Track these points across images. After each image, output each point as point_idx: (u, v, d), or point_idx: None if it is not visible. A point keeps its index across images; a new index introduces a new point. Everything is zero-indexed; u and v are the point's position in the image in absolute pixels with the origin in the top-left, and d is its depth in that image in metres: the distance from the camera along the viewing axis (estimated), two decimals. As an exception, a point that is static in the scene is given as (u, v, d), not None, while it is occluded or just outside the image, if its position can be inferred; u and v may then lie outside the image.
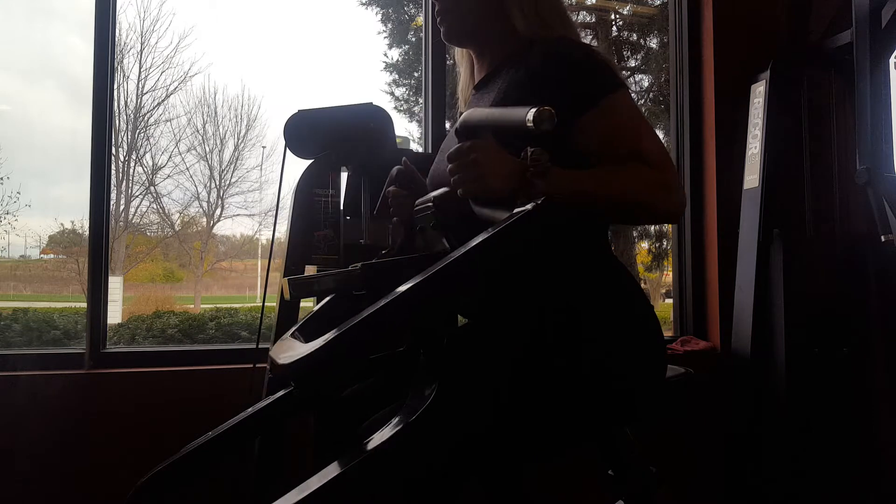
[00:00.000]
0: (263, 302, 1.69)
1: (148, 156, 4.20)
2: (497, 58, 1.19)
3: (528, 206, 0.81)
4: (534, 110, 0.80)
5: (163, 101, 4.19)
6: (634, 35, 5.72)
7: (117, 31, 2.07)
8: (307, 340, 0.87)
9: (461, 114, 1.23)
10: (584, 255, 1.06)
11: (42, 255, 4.33)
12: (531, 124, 0.81)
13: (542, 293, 1.01)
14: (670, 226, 3.15)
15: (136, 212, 4.32)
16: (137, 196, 4.24)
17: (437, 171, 1.23)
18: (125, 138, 4.12)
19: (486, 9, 1.14)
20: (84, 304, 1.97)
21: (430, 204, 1.04)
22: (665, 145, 1.03)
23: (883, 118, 2.05)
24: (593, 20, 5.64)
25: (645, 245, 5.86)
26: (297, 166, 1.68)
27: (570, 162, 0.96)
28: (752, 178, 2.26)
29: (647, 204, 0.98)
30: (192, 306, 4.52)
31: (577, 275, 1.03)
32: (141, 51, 4.12)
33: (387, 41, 5.17)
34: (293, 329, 1.04)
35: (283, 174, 1.67)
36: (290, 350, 0.84)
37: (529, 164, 0.86)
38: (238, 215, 4.53)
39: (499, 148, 0.92)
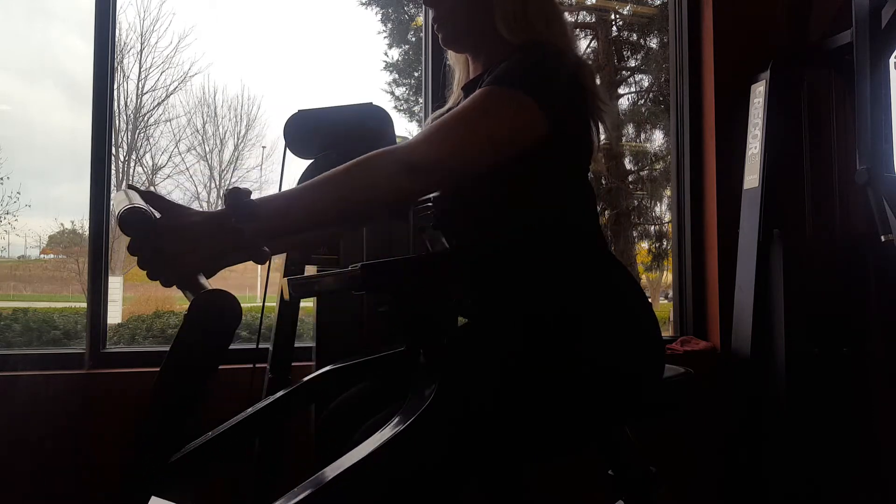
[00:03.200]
0: (263, 302, 1.69)
1: (148, 156, 4.20)
2: (490, 61, 1.19)
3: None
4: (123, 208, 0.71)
5: (163, 101, 4.19)
6: (634, 35, 5.72)
7: (117, 31, 2.07)
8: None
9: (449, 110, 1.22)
10: (580, 255, 1.06)
11: (42, 255, 4.33)
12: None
13: (540, 294, 1.01)
14: (670, 226, 3.14)
15: (136, 212, 4.31)
16: (137, 196, 4.23)
17: None
18: (125, 138, 4.11)
19: (478, 16, 1.13)
20: (84, 304, 1.97)
21: (430, 204, 1.04)
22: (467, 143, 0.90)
23: (883, 118, 2.05)
24: (593, 20, 5.64)
25: (645, 245, 5.86)
26: (297, 166, 1.67)
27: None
28: (752, 178, 2.26)
29: (374, 194, 0.87)
30: (192, 306, 4.50)
31: (573, 274, 1.03)
32: (141, 51, 4.12)
33: (387, 41, 5.17)
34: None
35: (283, 174, 1.67)
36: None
37: (230, 211, 0.76)
38: (238, 215, 4.52)
39: (179, 215, 0.76)
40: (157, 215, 0.74)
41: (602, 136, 1.15)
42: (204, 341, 0.69)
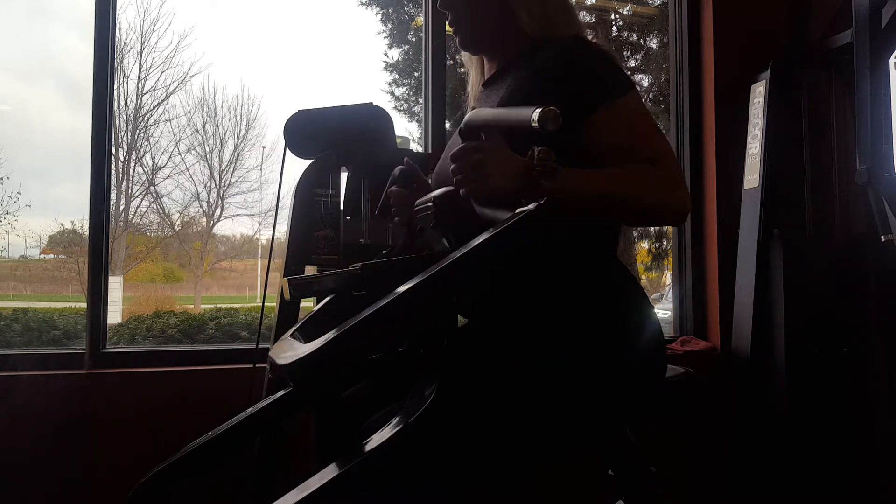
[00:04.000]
0: (263, 302, 1.69)
1: (148, 156, 4.20)
2: (507, 57, 1.20)
3: (531, 206, 0.81)
4: (539, 110, 0.80)
5: (163, 101, 4.19)
6: (634, 35, 5.72)
7: (117, 31, 2.07)
8: (307, 341, 0.87)
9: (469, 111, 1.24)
10: (585, 255, 1.06)
11: (42, 255, 4.33)
12: (536, 124, 0.80)
13: (543, 293, 1.01)
14: (670, 226, 3.14)
15: (136, 212, 4.32)
16: (137, 196, 4.24)
17: (442, 171, 1.23)
18: (125, 138, 4.11)
19: (495, 14, 1.15)
20: (84, 304, 1.97)
21: (430, 204, 1.04)
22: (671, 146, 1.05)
23: (883, 118, 2.05)
24: (593, 20, 5.64)
25: (645, 245, 5.86)
26: (297, 166, 1.68)
27: (578, 162, 0.96)
28: (752, 178, 2.26)
29: (655, 202, 0.99)
30: (191, 306, 4.51)
31: (577, 274, 1.03)
32: (141, 51, 4.12)
33: (387, 41, 5.16)
34: (293, 329, 1.04)
35: (283, 174, 1.67)
36: (290, 350, 0.84)
37: (536, 164, 0.85)
38: (238, 215, 4.53)
39: (504, 148, 0.91)
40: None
41: None
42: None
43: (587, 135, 1.01)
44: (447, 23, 1.24)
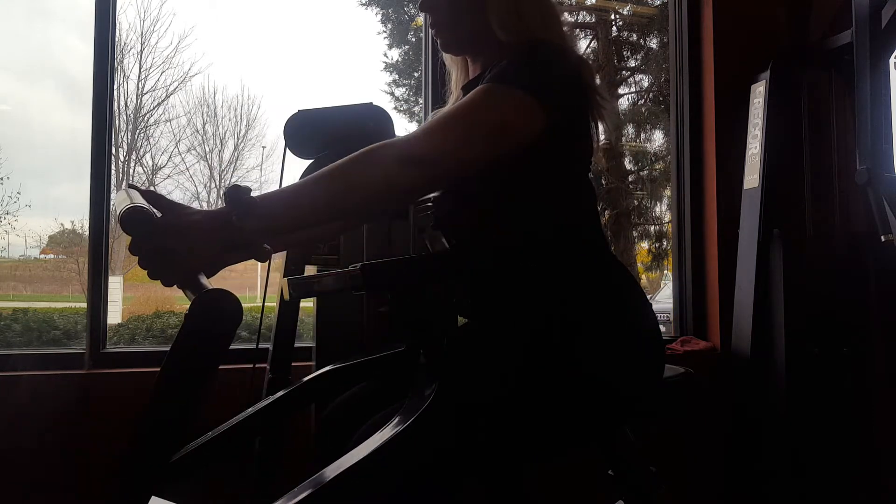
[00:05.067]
0: (263, 302, 1.69)
1: (148, 156, 4.20)
2: (489, 62, 1.19)
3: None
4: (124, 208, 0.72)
5: (163, 101, 4.20)
6: (634, 35, 5.72)
7: (117, 31, 2.07)
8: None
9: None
10: (580, 255, 1.06)
11: (42, 255, 4.33)
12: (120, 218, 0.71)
13: (540, 294, 1.01)
14: (670, 226, 3.14)
15: (136, 212, 4.31)
16: (137, 196, 4.23)
17: None
18: (125, 138, 4.12)
19: (475, 18, 1.13)
20: (84, 304, 1.97)
21: (430, 204, 1.04)
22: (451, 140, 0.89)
23: (883, 118, 2.05)
24: (593, 20, 5.64)
25: (645, 245, 5.86)
26: (297, 166, 1.67)
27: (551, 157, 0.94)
28: (752, 178, 2.26)
29: (373, 188, 0.85)
30: (192, 306, 4.50)
31: (573, 274, 1.03)
32: (141, 51, 4.13)
33: (387, 41, 5.17)
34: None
35: (283, 174, 1.67)
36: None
37: (230, 209, 0.75)
38: (238, 215, 4.52)
39: (179, 214, 0.76)
40: (158, 214, 0.73)
41: (602, 135, 1.16)
42: (204, 341, 0.69)
43: None
44: (428, 25, 1.22)
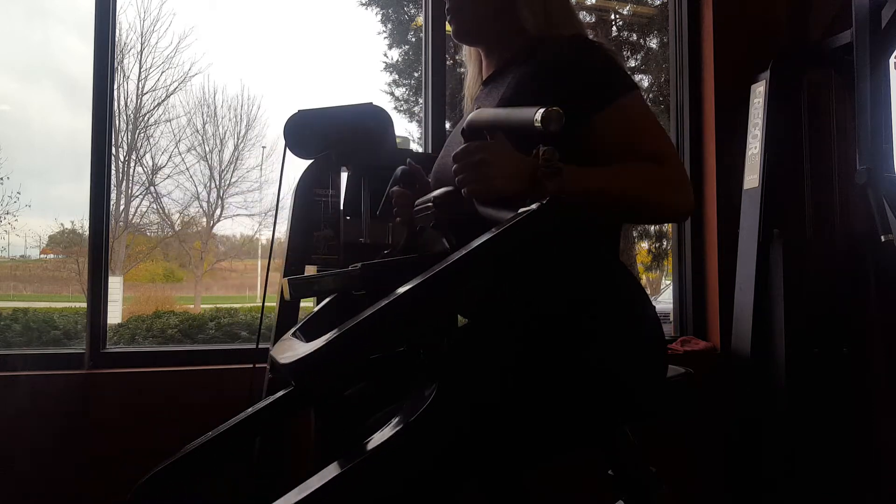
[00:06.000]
0: (263, 302, 1.69)
1: (148, 156, 4.20)
2: (506, 55, 1.20)
3: (533, 206, 0.81)
4: (542, 110, 0.80)
5: (163, 101, 4.19)
6: (634, 35, 5.72)
7: (117, 31, 2.07)
8: (308, 340, 0.87)
9: (467, 111, 1.23)
10: (585, 255, 1.06)
11: (42, 255, 4.33)
12: (539, 124, 0.80)
13: (543, 293, 1.01)
14: (670, 226, 3.15)
15: (136, 212, 4.33)
16: (137, 196, 4.24)
17: (442, 171, 1.23)
18: (125, 138, 4.12)
19: (496, 7, 1.15)
20: (84, 304, 1.97)
21: (430, 204, 1.04)
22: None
23: (883, 118, 2.05)
24: (593, 20, 5.64)
25: (645, 245, 5.86)
26: (297, 166, 1.68)
27: (581, 161, 0.96)
28: (752, 178, 2.26)
29: (658, 201, 0.99)
30: (192, 306, 4.51)
31: (577, 275, 1.03)
32: (141, 51, 4.12)
33: (387, 41, 5.16)
34: (294, 329, 1.04)
35: (283, 174, 1.67)
36: (291, 350, 0.84)
37: (540, 163, 0.85)
38: (238, 215, 4.54)
39: (507, 148, 0.90)
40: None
41: None
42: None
43: (591, 134, 1.01)
44: (445, 10, 1.23)
